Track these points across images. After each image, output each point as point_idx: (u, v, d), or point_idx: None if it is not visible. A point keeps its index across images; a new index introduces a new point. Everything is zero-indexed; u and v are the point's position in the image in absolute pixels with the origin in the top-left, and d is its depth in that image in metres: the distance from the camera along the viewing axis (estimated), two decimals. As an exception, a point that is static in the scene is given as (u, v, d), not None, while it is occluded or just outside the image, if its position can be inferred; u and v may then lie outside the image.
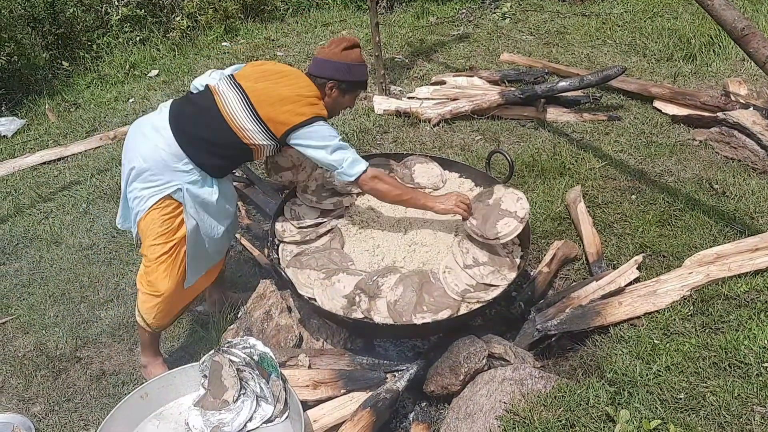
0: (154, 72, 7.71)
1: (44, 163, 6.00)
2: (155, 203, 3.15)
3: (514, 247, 3.59)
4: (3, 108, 7.03)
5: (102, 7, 8.52)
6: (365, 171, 3.24)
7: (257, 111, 3.12)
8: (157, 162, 3.11)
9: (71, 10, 8.25)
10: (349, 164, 3.21)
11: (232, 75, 3.29)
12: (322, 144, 3.16)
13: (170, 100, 3.31)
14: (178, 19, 8.59)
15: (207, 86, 3.29)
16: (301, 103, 3.16)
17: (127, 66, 7.86)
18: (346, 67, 3.30)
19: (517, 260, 3.47)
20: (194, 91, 3.36)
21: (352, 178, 3.24)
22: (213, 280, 3.69)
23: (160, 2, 8.73)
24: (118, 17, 8.36)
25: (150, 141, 3.14)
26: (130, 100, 7.03)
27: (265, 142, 3.19)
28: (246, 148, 3.20)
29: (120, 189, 3.40)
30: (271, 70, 3.33)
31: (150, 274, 3.28)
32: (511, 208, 3.42)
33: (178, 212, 3.20)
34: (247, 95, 3.15)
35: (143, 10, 8.53)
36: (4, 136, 6.61)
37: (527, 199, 3.46)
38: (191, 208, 3.20)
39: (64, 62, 7.86)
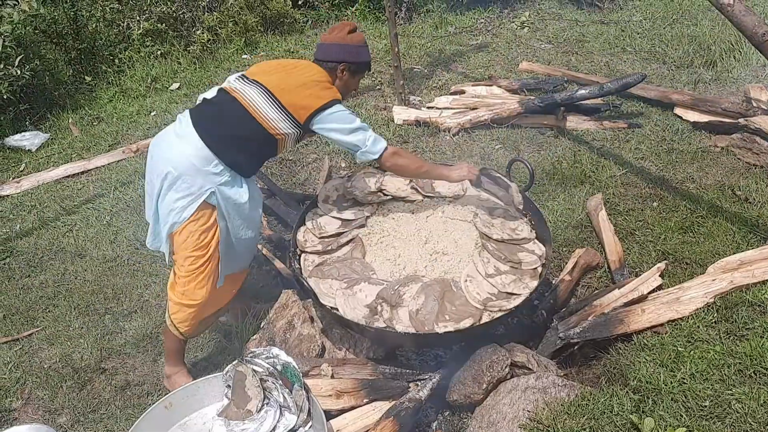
0: (176, 85, 7.78)
1: (68, 176, 6.06)
2: (193, 213, 3.17)
3: (533, 244, 3.61)
4: (27, 122, 7.12)
5: (124, 22, 8.61)
6: (386, 148, 3.36)
7: (279, 100, 3.21)
8: (188, 168, 3.13)
9: (94, 26, 8.34)
10: (372, 143, 3.32)
11: (243, 74, 3.38)
12: (344, 126, 3.27)
13: (187, 110, 3.34)
14: (198, 32, 8.66)
15: (221, 89, 3.36)
16: (319, 87, 3.28)
17: (149, 80, 7.92)
18: (354, 49, 3.43)
19: (539, 268, 3.46)
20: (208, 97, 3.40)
21: (376, 156, 3.34)
22: (239, 286, 3.72)
23: (181, 16, 8.81)
24: (140, 32, 8.44)
25: (176, 149, 3.17)
26: (152, 113, 7.09)
27: (289, 130, 3.26)
28: (272, 138, 3.26)
29: (143, 205, 3.43)
30: (281, 63, 3.50)
31: (186, 285, 3.31)
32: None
33: (212, 222, 3.23)
34: (265, 87, 3.24)
35: (164, 25, 8.60)
36: (28, 150, 6.68)
37: (547, 207, 3.47)
38: (224, 209, 3.24)
39: (86, 77, 7.94)
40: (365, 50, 3.50)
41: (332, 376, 3.32)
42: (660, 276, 3.68)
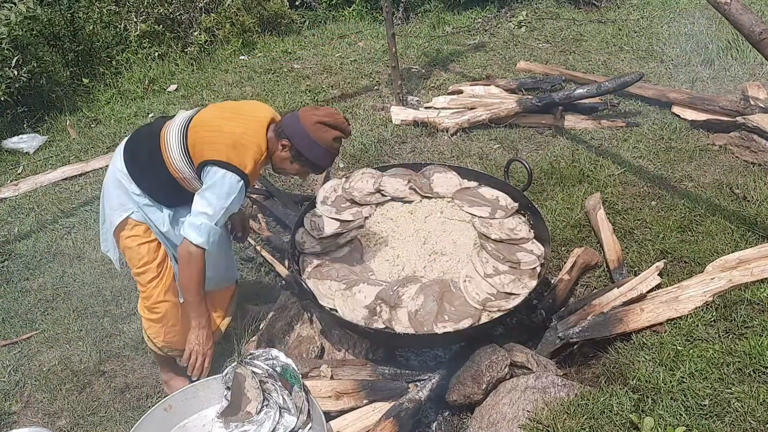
0: (173, 87, 7.77)
1: (66, 178, 6.05)
2: (118, 225, 3.16)
3: (531, 244, 3.61)
4: (25, 125, 7.11)
5: (121, 24, 8.61)
6: (194, 245, 2.90)
7: (188, 137, 2.94)
8: (114, 182, 3.13)
9: (91, 27, 8.33)
10: (194, 226, 2.89)
11: (203, 106, 3.19)
12: (209, 192, 2.88)
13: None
14: (196, 34, 8.67)
15: (169, 116, 3.23)
16: (230, 144, 2.88)
17: (146, 81, 7.92)
18: (308, 141, 2.92)
19: (538, 268, 3.47)
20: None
21: (181, 237, 2.96)
22: (224, 306, 3.70)
23: (178, 18, 8.81)
24: (137, 33, 8.44)
25: (112, 163, 3.17)
26: (150, 115, 7.08)
27: (187, 173, 3.01)
28: (172, 178, 3.04)
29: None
30: (231, 106, 3.11)
31: (147, 299, 3.29)
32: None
33: (151, 237, 3.20)
34: (190, 119, 3.00)
35: (161, 26, 8.60)
36: (26, 152, 6.67)
37: (546, 207, 3.47)
38: (154, 230, 3.18)
39: (84, 78, 7.93)
40: (321, 152, 2.97)
41: (332, 377, 3.32)
42: (659, 275, 3.68)
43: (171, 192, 3.13)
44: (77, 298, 4.47)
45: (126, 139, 3.21)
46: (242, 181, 2.89)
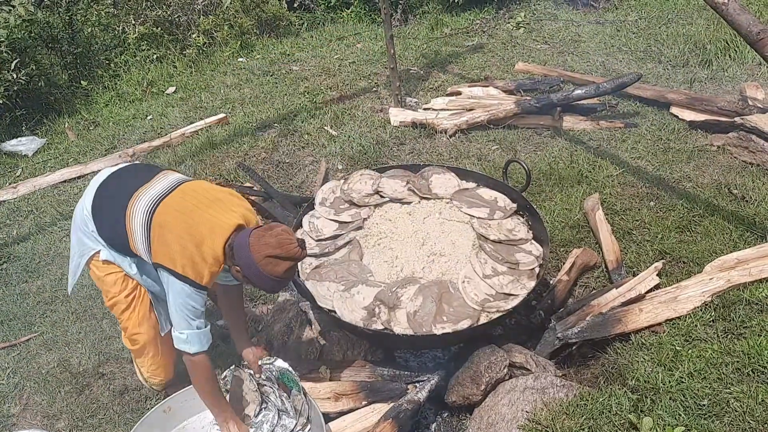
0: (172, 89, 7.78)
1: (65, 181, 6.06)
2: (91, 267, 3.10)
3: (530, 244, 3.62)
4: (23, 128, 7.11)
5: (119, 27, 8.62)
6: (193, 355, 2.85)
7: (151, 225, 2.83)
8: (78, 224, 3.07)
9: (89, 30, 8.35)
10: (182, 341, 2.83)
11: (185, 180, 3.01)
12: (173, 302, 2.80)
13: (125, 165, 3.20)
14: (194, 36, 8.67)
15: (161, 170, 3.08)
16: (188, 258, 2.74)
17: (145, 83, 7.93)
18: (257, 274, 2.73)
19: (536, 269, 3.47)
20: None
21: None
22: None
23: (177, 20, 8.81)
24: (135, 36, 8.45)
25: (82, 200, 3.07)
26: (149, 117, 7.08)
27: (144, 256, 2.91)
28: (132, 252, 2.96)
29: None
30: (199, 202, 2.87)
31: (125, 330, 3.22)
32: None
33: (116, 273, 3.09)
34: (156, 206, 2.85)
35: (160, 29, 8.61)
36: (24, 155, 6.68)
37: (544, 208, 3.47)
38: (123, 266, 3.08)
39: (82, 81, 7.94)
40: (273, 284, 2.79)
41: (330, 379, 3.33)
42: (657, 275, 3.69)
43: (133, 256, 3.03)
44: (76, 301, 4.46)
45: (99, 183, 3.06)
46: (201, 290, 2.79)
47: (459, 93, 6.50)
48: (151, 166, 3.18)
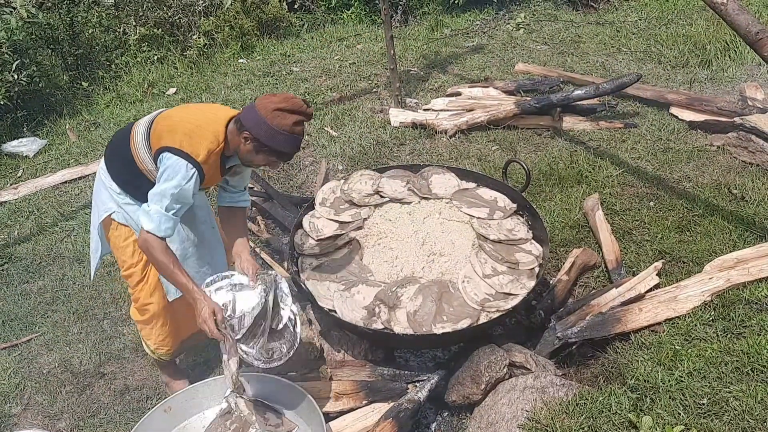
0: (172, 90, 7.79)
1: (66, 182, 6.07)
2: (109, 230, 3.21)
3: (530, 244, 3.62)
4: (25, 129, 7.12)
5: (120, 28, 8.63)
6: (146, 231, 2.83)
7: (151, 128, 2.97)
8: (98, 183, 3.20)
9: (90, 31, 8.36)
10: (145, 213, 2.85)
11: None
12: (161, 179, 2.85)
13: None
14: (195, 37, 8.68)
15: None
16: (186, 133, 2.86)
17: (146, 85, 7.94)
18: (267, 129, 2.80)
19: (536, 269, 3.47)
20: None
21: (137, 227, 3.03)
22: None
23: (177, 21, 8.82)
24: (136, 37, 8.46)
25: (100, 166, 3.23)
26: (149, 119, 7.10)
27: (149, 165, 3.00)
28: (138, 171, 3.03)
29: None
30: (195, 104, 3.22)
31: (136, 301, 3.32)
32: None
33: (131, 239, 3.19)
34: (158, 114, 3.06)
35: (160, 30, 8.62)
36: (26, 156, 6.69)
37: (544, 208, 3.47)
38: (135, 229, 3.14)
39: (83, 82, 7.95)
40: (284, 138, 2.84)
41: (331, 378, 3.33)
42: (657, 275, 3.69)
43: (143, 187, 3.01)
44: (77, 301, 4.48)
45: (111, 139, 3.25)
46: (194, 169, 2.84)
47: (459, 93, 6.51)
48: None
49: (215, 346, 3.81)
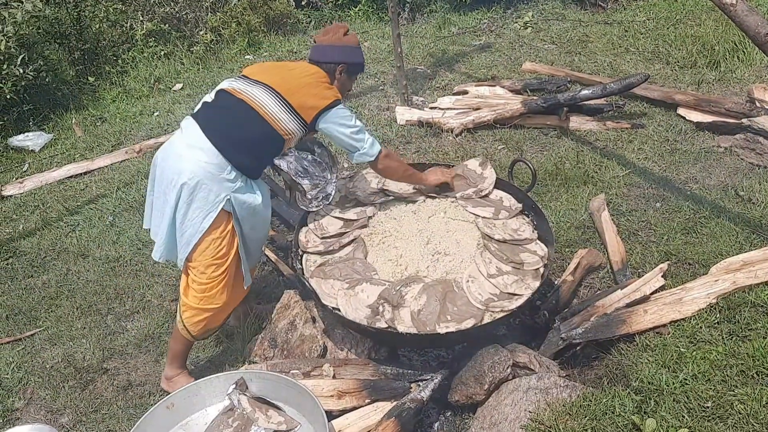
0: (179, 86, 7.79)
1: (71, 176, 6.08)
2: (212, 223, 3.18)
3: (535, 244, 3.61)
4: (31, 123, 7.13)
5: (127, 23, 8.64)
6: (381, 151, 3.52)
7: (287, 100, 3.25)
8: (204, 176, 3.13)
9: (97, 26, 8.35)
10: (370, 145, 3.47)
11: (244, 75, 3.43)
12: (347, 126, 3.40)
13: (188, 118, 3.33)
14: (201, 33, 8.68)
15: (222, 90, 3.35)
16: (322, 87, 3.35)
17: (152, 80, 7.94)
18: (351, 51, 3.50)
19: (541, 269, 3.46)
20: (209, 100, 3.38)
21: (372, 158, 3.51)
22: (248, 290, 3.72)
23: (184, 17, 8.83)
24: (143, 32, 8.47)
25: (189, 158, 3.15)
26: (155, 114, 7.10)
27: (297, 130, 3.33)
28: (280, 138, 3.31)
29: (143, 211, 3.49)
30: (280, 64, 3.72)
31: (206, 291, 3.31)
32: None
33: (230, 228, 3.25)
34: (271, 87, 3.27)
35: (167, 25, 8.63)
36: (31, 150, 6.70)
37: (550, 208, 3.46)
38: (239, 214, 3.26)
39: (90, 77, 7.95)
40: (360, 51, 3.57)
41: (334, 377, 3.32)
42: (663, 277, 3.67)
43: (268, 159, 3.45)
44: (81, 296, 4.48)
45: (191, 136, 3.22)
46: (342, 103, 3.42)
47: (466, 92, 6.49)
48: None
49: (218, 343, 3.83)
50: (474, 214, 3.80)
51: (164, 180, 3.23)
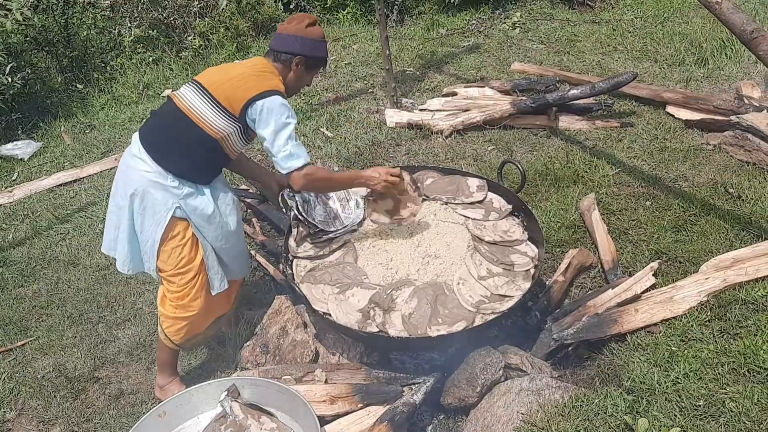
0: (168, 91, 7.77)
1: (61, 185, 6.06)
2: (164, 231, 3.17)
3: (525, 245, 3.61)
4: (19, 131, 7.11)
5: (115, 29, 8.62)
6: (299, 168, 3.13)
7: (212, 95, 3.09)
8: (149, 185, 3.13)
9: (85, 33, 8.33)
10: (285, 156, 3.10)
11: (192, 78, 3.29)
12: (272, 120, 3.06)
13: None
14: (190, 38, 8.66)
15: (168, 97, 3.30)
16: (259, 78, 3.13)
17: (141, 86, 7.93)
18: (311, 43, 3.27)
19: (532, 270, 3.46)
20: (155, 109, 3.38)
21: (283, 172, 3.17)
22: (234, 295, 3.71)
23: (172, 23, 8.81)
24: (131, 38, 8.44)
25: (135, 169, 3.17)
26: (144, 121, 7.08)
27: (227, 128, 3.12)
28: (210, 138, 3.12)
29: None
30: (228, 64, 3.43)
31: (179, 300, 3.32)
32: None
33: (189, 235, 3.23)
34: (202, 85, 3.14)
35: (156, 31, 8.60)
36: (20, 159, 6.67)
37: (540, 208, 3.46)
38: (194, 222, 3.23)
39: (78, 84, 7.94)
40: (323, 45, 3.34)
41: (326, 382, 3.31)
42: (653, 275, 3.68)
43: (208, 164, 3.27)
44: (72, 305, 4.46)
45: (135, 145, 3.23)
46: (285, 98, 3.15)
47: (455, 93, 6.50)
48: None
49: (210, 350, 3.82)
50: (464, 216, 3.80)
51: (119, 192, 3.25)
